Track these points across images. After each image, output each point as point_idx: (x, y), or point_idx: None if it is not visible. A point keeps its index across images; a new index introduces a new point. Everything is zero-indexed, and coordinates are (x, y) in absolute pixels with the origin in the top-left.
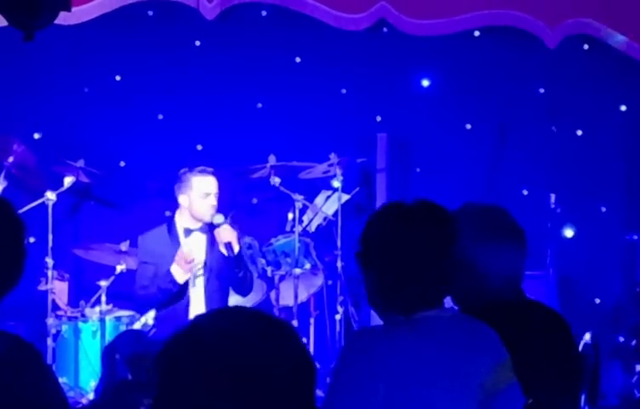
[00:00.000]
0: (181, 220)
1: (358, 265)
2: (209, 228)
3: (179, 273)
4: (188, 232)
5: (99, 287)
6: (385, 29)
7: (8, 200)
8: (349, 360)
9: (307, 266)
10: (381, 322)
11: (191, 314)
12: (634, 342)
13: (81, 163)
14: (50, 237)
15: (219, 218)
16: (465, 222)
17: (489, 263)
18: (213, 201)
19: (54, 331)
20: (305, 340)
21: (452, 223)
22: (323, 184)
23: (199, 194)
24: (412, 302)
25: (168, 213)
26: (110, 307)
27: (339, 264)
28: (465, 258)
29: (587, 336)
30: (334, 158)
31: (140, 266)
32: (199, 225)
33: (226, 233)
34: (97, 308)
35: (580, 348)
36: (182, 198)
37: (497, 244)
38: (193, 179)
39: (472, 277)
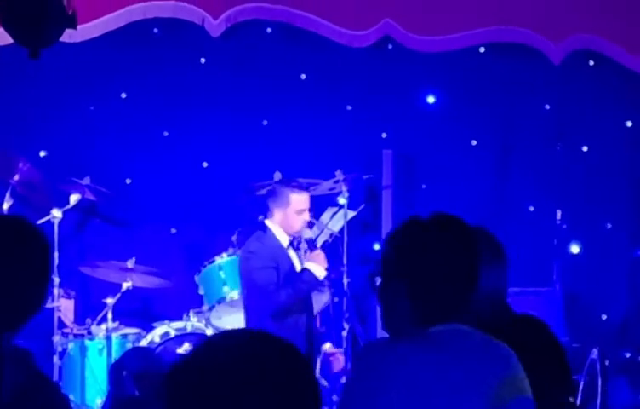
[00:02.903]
0: (273, 227)
1: (382, 276)
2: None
3: (319, 270)
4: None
5: (105, 305)
6: (390, 46)
7: (30, 221)
8: (360, 373)
9: None
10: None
11: None
12: None
13: (87, 180)
14: (56, 255)
15: (308, 233)
16: None
17: None
18: (306, 217)
19: (60, 348)
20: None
21: (475, 238)
22: (329, 201)
23: (295, 210)
24: (439, 313)
25: (261, 218)
26: (116, 324)
27: (345, 281)
28: None
29: (594, 352)
30: (339, 174)
31: (259, 272)
32: (288, 238)
33: (322, 258)
34: (103, 326)
35: (587, 363)
36: (277, 212)
37: (489, 266)
38: (291, 195)
39: None
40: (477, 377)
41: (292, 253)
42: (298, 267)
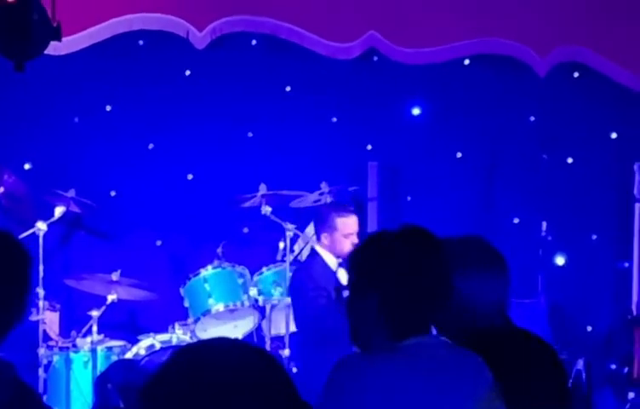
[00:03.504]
0: (322, 252)
1: (351, 289)
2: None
3: None
4: None
5: (90, 317)
6: (375, 58)
7: (12, 234)
8: (335, 390)
9: None
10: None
11: None
12: (626, 370)
13: (72, 193)
14: (41, 267)
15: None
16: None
17: (472, 293)
18: (354, 240)
19: (45, 361)
20: (295, 369)
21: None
22: (315, 213)
23: (343, 234)
24: (410, 326)
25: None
26: (101, 337)
27: None
28: None
29: (579, 364)
30: (324, 186)
31: (310, 300)
32: (337, 261)
33: None
34: (88, 339)
35: (572, 375)
36: (324, 237)
37: (479, 273)
38: (338, 220)
39: (456, 307)
40: (457, 391)
41: (342, 274)
42: None
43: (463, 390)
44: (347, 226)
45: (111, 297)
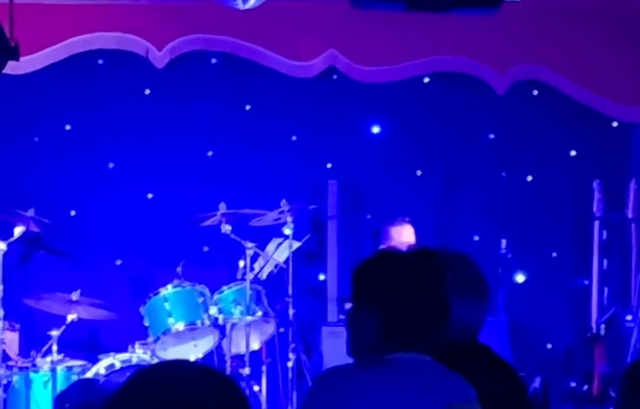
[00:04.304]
0: None
1: (353, 303)
2: None
3: None
4: None
5: (50, 337)
6: (335, 76)
7: None
8: (317, 400)
9: (259, 313)
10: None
11: None
12: (586, 387)
13: (31, 212)
14: (0, 287)
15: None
16: None
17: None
18: None
19: (4, 381)
20: (256, 388)
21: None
22: (274, 231)
23: (397, 243)
24: (408, 343)
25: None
26: (61, 357)
27: (290, 311)
28: None
29: (536, 382)
30: (284, 205)
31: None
32: None
33: None
34: (48, 358)
35: (530, 392)
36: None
37: (459, 297)
38: (391, 229)
39: None
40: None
41: None
42: None
43: (443, 406)
44: (400, 234)
45: (70, 317)
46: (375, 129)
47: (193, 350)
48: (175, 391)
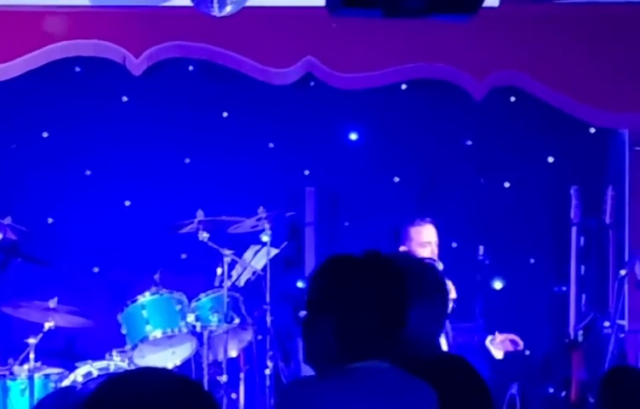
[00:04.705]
0: None
1: (308, 311)
2: None
3: (497, 353)
4: None
5: (27, 345)
6: (312, 83)
7: None
8: None
9: (236, 321)
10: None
11: None
12: (563, 394)
13: (8, 220)
14: None
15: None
16: None
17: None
18: (434, 249)
19: None
20: (234, 395)
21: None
22: (252, 238)
23: (417, 244)
24: (364, 351)
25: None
26: (38, 364)
27: (268, 319)
28: None
29: (513, 388)
30: (262, 212)
31: None
32: None
33: (506, 345)
34: (25, 366)
35: (506, 399)
36: (402, 249)
37: (416, 304)
38: (411, 230)
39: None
40: None
41: None
42: None
43: None
44: (419, 234)
45: (48, 324)
46: (353, 136)
47: (171, 358)
48: (145, 398)
